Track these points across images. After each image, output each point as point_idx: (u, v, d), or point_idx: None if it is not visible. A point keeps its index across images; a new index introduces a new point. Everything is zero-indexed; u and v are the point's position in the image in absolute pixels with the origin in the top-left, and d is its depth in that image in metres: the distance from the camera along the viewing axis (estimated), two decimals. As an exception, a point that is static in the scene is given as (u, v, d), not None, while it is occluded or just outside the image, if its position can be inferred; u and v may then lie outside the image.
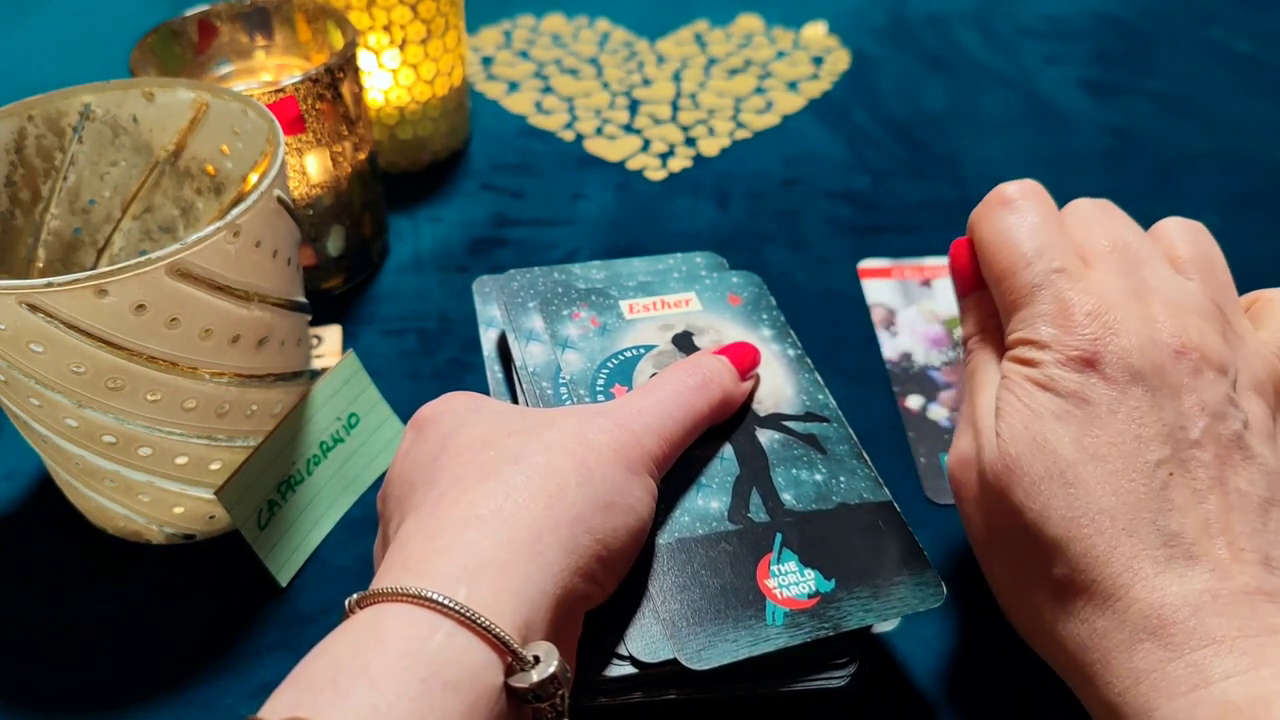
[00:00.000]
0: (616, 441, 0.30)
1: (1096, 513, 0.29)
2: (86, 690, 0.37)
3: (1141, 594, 0.28)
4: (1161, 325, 0.31)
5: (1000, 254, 0.33)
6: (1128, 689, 0.28)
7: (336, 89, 0.48)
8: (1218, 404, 0.30)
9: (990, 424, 0.32)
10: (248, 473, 0.38)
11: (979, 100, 0.72)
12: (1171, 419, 0.29)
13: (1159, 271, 0.32)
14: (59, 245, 0.43)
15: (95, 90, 0.41)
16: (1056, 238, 0.33)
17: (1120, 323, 0.30)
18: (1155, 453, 0.29)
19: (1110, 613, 0.28)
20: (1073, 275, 0.32)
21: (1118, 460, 0.29)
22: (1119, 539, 0.29)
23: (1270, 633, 0.27)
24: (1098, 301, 0.31)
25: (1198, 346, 0.30)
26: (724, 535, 0.32)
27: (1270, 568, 0.28)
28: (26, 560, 0.41)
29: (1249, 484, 0.29)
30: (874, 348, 0.51)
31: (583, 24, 0.81)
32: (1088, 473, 0.29)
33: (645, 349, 0.38)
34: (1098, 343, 0.30)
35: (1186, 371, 0.30)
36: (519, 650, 0.25)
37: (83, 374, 0.33)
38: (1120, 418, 0.30)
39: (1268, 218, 0.60)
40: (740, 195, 0.62)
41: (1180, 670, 0.27)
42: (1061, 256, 0.32)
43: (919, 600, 0.32)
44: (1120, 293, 0.31)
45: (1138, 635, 0.28)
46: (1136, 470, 0.29)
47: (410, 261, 0.57)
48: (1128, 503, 0.29)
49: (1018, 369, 0.32)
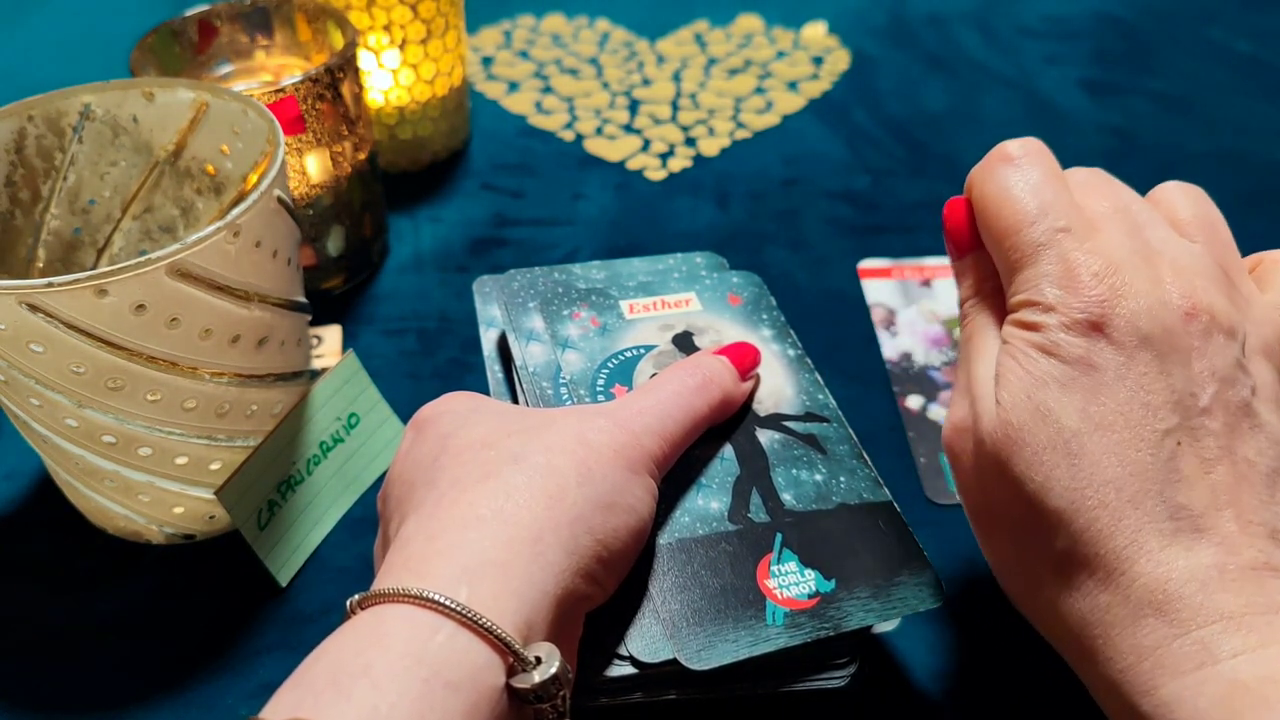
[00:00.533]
0: (617, 442, 0.30)
1: (1101, 484, 0.28)
2: (86, 690, 0.37)
3: (1146, 568, 0.27)
4: (1170, 287, 0.29)
5: (1002, 211, 0.32)
6: (1130, 666, 0.27)
7: (336, 89, 0.48)
8: (1227, 369, 0.29)
9: (989, 391, 0.31)
10: (248, 473, 0.38)
11: (979, 100, 0.72)
12: (1181, 385, 0.28)
13: (1163, 233, 0.31)
14: (59, 245, 0.43)
15: (95, 90, 0.41)
16: (1061, 196, 0.31)
17: (1129, 284, 0.29)
18: (1164, 421, 0.28)
19: (1114, 588, 0.27)
20: (1079, 235, 0.30)
21: (1124, 429, 0.28)
22: (1124, 511, 0.27)
23: (1278, 609, 0.26)
24: (1104, 262, 0.29)
25: (1208, 309, 0.29)
26: (724, 535, 0.32)
27: (1278, 541, 0.27)
28: (26, 560, 0.41)
29: (1257, 454, 0.28)
30: (874, 348, 0.51)
31: (583, 24, 0.81)
32: (1093, 443, 0.28)
33: (645, 349, 0.38)
34: (1105, 305, 0.29)
35: (1196, 335, 0.29)
36: (520, 651, 0.25)
37: (83, 374, 0.33)
38: (1128, 384, 0.28)
39: (1268, 218, 0.60)
40: (740, 195, 0.62)
41: (1186, 647, 0.26)
42: (1067, 215, 0.31)
43: (919, 600, 0.32)
44: (1127, 253, 0.30)
45: (1142, 611, 0.27)
46: (1144, 440, 0.28)
47: (410, 261, 0.57)
48: (1134, 474, 0.28)
49: (1020, 333, 0.30)
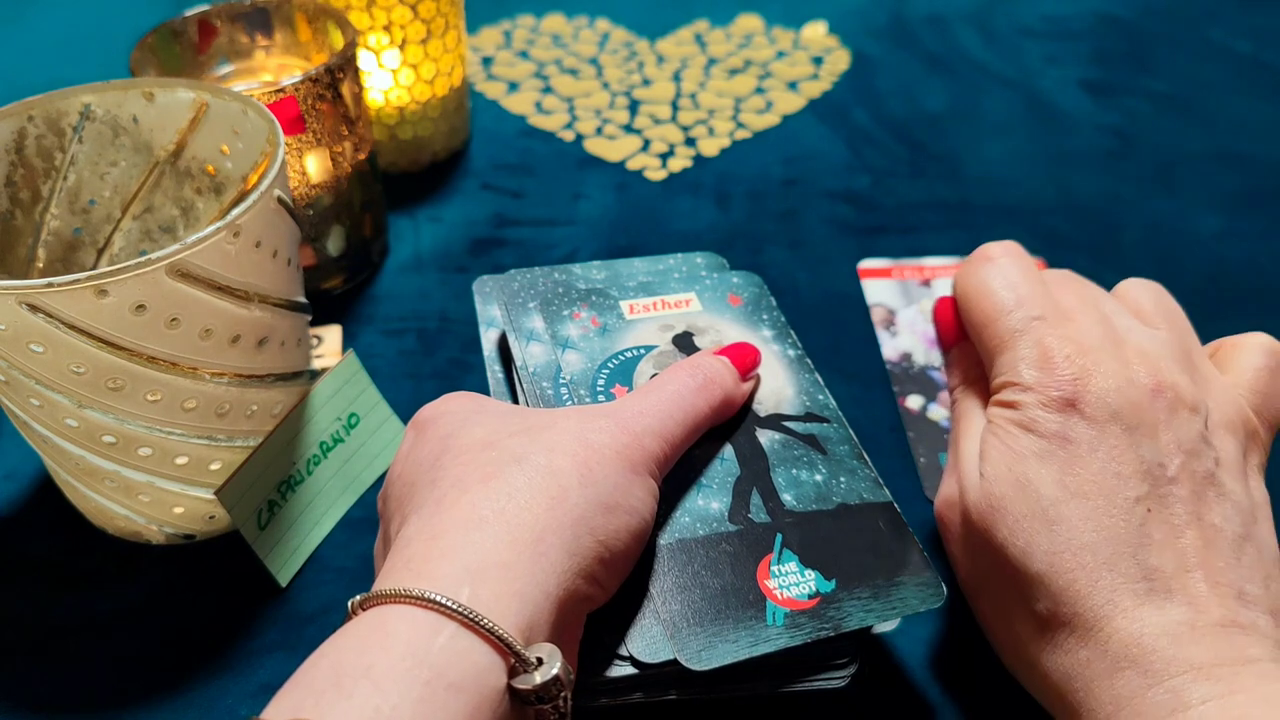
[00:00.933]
0: (618, 442, 0.30)
1: (1078, 548, 0.30)
2: (86, 690, 0.37)
3: (1122, 625, 0.29)
4: (1137, 367, 0.32)
5: (984, 303, 0.35)
6: (1110, 715, 0.29)
7: (336, 89, 0.48)
8: (1192, 441, 0.31)
9: (974, 467, 0.34)
10: (248, 473, 0.38)
11: (979, 100, 0.72)
12: (1149, 456, 0.31)
13: (1128, 322, 0.34)
14: (59, 245, 0.43)
15: (95, 90, 0.41)
16: (1036, 289, 0.35)
17: (1099, 365, 0.32)
18: (1134, 489, 0.30)
19: (1092, 643, 0.29)
20: (1052, 322, 0.34)
21: (1098, 497, 0.30)
22: (1100, 573, 0.30)
23: (1245, 662, 0.28)
24: (1076, 346, 0.33)
25: (1172, 386, 0.32)
26: (724, 536, 0.32)
27: (1244, 601, 0.29)
28: (26, 560, 0.41)
29: (1223, 520, 0.31)
30: (874, 348, 0.51)
31: (583, 24, 0.81)
32: (1069, 510, 0.30)
33: (646, 349, 0.38)
34: (1078, 383, 0.32)
35: (1162, 410, 0.32)
36: (522, 652, 0.25)
37: (83, 374, 0.33)
38: (1100, 455, 0.31)
39: (1268, 218, 0.60)
40: (740, 195, 0.62)
41: (1160, 696, 0.28)
42: (1041, 305, 0.34)
43: (919, 600, 0.32)
44: (1097, 338, 0.33)
45: (1119, 664, 0.29)
46: (1116, 506, 0.30)
47: (410, 261, 0.57)
48: (1108, 538, 0.30)
49: (1002, 412, 0.33)
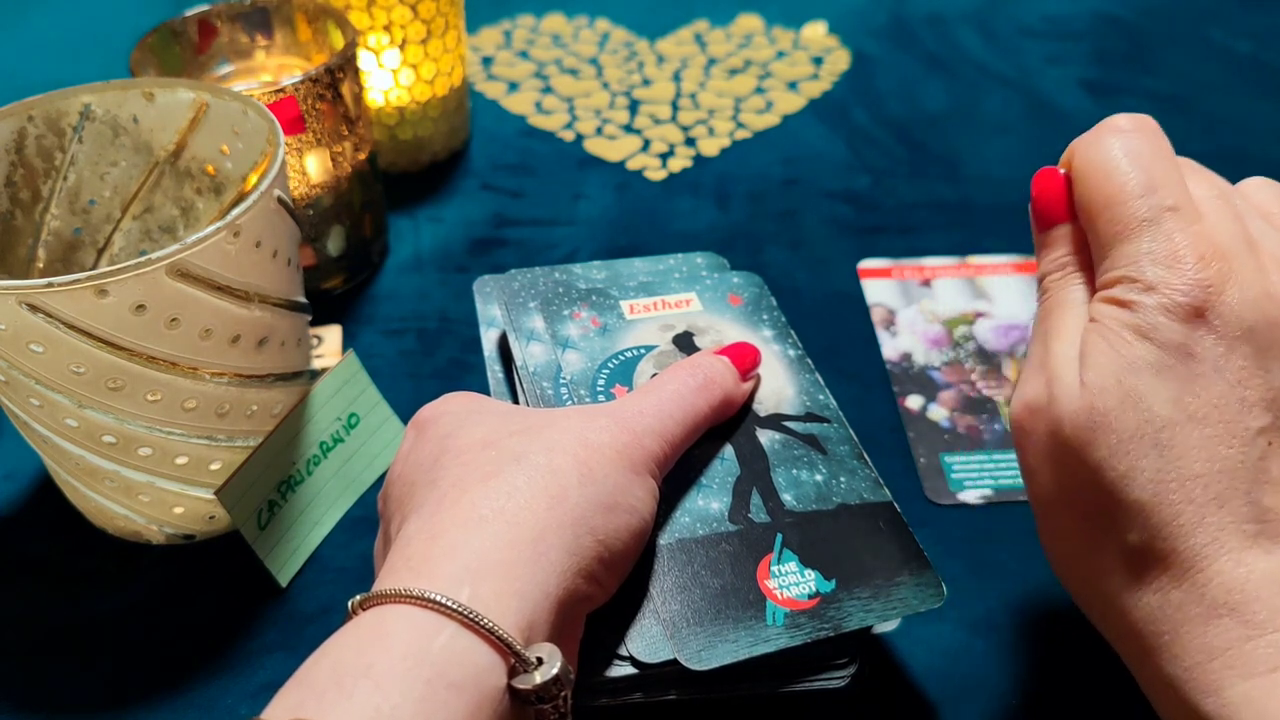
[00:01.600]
0: (618, 442, 0.30)
1: (1188, 478, 0.27)
2: (86, 690, 0.37)
3: (1225, 568, 0.26)
4: (1274, 279, 0.28)
5: (1108, 181, 0.30)
6: (1197, 665, 0.26)
7: (336, 89, 0.48)
8: None
9: (1071, 370, 0.29)
10: (248, 473, 0.38)
11: (979, 100, 0.72)
12: (1278, 382, 0.27)
13: (1261, 225, 0.30)
14: (59, 245, 0.43)
15: (95, 90, 0.41)
16: (1173, 175, 0.30)
17: (1236, 272, 0.28)
18: (1258, 419, 0.27)
19: (1188, 585, 0.27)
20: (1186, 216, 0.29)
21: (1218, 424, 0.27)
22: (1208, 509, 0.27)
23: None
24: (1211, 246, 0.28)
25: None
26: (724, 536, 0.32)
27: None
28: (26, 560, 0.41)
29: None
30: (874, 348, 0.51)
31: (583, 24, 0.81)
32: (1183, 435, 0.27)
33: (646, 349, 0.38)
34: (1210, 291, 0.27)
35: None
36: (522, 652, 0.25)
37: (83, 374, 0.33)
38: (1226, 377, 0.27)
39: (1267, 218, 0.60)
40: (740, 195, 0.62)
41: (1260, 649, 0.25)
42: (1175, 195, 0.29)
43: (919, 600, 0.32)
44: (1234, 240, 0.28)
45: (1216, 610, 0.26)
46: (1236, 437, 0.27)
47: (410, 261, 0.57)
48: (1223, 471, 0.27)
49: (1113, 312, 0.29)
